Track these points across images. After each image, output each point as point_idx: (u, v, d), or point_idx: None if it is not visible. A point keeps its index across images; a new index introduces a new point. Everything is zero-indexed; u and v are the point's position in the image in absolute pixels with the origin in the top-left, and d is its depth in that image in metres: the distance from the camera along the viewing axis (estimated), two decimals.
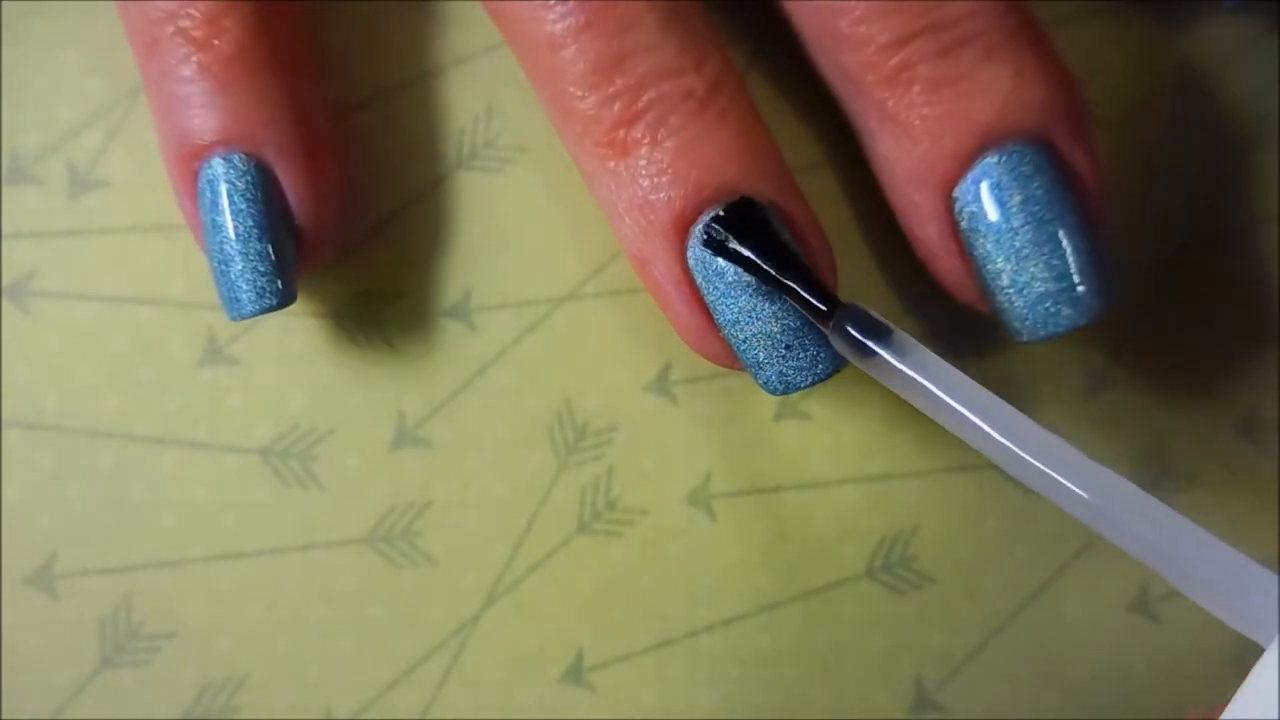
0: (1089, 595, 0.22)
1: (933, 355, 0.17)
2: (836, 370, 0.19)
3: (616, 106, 0.18)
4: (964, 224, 0.19)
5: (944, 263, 0.20)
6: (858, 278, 0.22)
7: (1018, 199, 0.18)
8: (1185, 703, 0.21)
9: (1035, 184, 0.18)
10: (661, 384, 0.22)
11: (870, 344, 0.17)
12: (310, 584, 0.22)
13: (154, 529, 0.22)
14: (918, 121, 0.18)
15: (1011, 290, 0.19)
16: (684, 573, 0.22)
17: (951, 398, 0.17)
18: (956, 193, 0.19)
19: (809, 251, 0.19)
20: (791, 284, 0.18)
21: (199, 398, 0.22)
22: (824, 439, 0.22)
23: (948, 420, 0.17)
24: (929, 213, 0.19)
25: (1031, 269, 0.18)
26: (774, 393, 0.19)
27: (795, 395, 0.22)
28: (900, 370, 0.17)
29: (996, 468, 0.22)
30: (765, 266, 0.18)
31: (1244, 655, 0.22)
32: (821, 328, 0.18)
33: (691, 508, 0.22)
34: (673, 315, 0.19)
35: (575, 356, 0.22)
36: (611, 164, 0.19)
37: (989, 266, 0.19)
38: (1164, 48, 0.22)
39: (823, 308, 0.17)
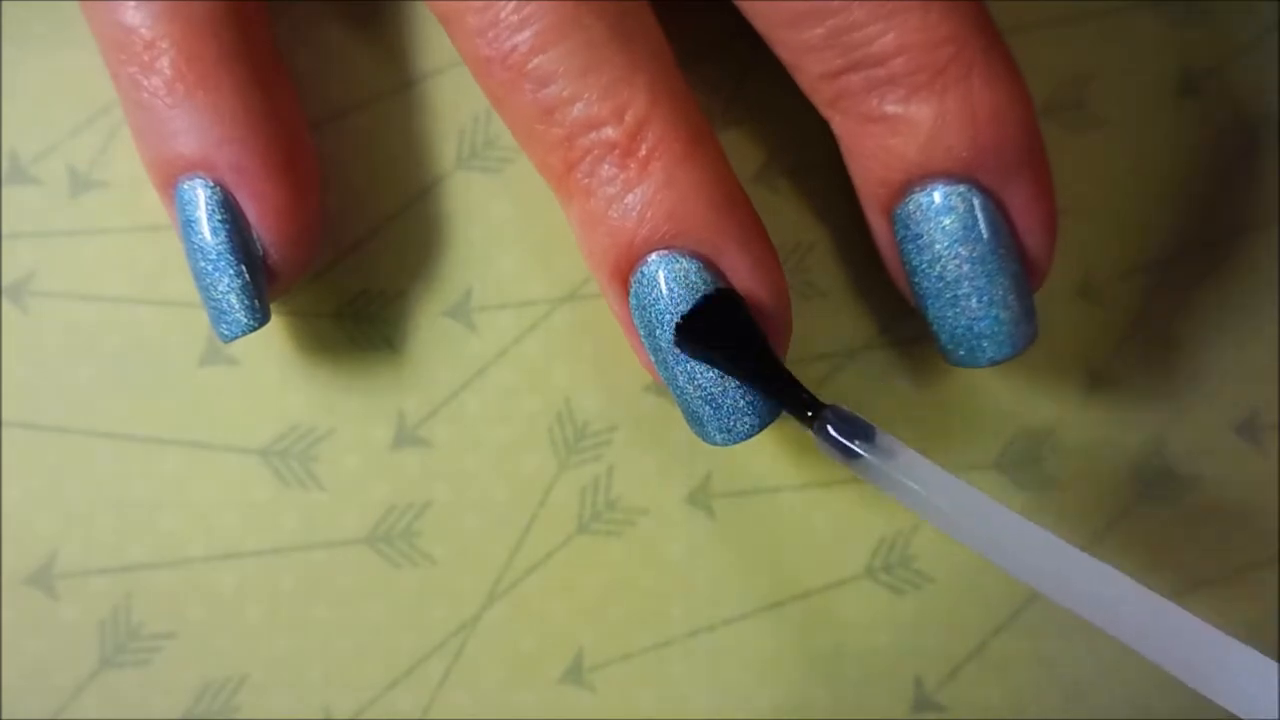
0: None
1: (917, 456, 0.17)
2: (773, 418, 0.19)
3: (558, 155, 0.18)
4: (900, 246, 0.19)
5: (896, 276, 0.20)
6: (859, 277, 0.22)
7: (935, 236, 0.18)
8: (1185, 703, 0.21)
9: (948, 222, 0.18)
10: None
11: (853, 445, 0.18)
12: (310, 584, 0.22)
13: (154, 529, 0.22)
14: (858, 144, 0.19)
15: (932, 318, 0.19)
16: (684, 573, 0.22)
17: (937, 499, 0.17)
18: (894, 215, 0.19)
19: (752, 301, 0.18)
20: (768, 385, 0.18)
21: (199, 398, 0.22)
22: None
23: (933, 518, 0.17)
24: (876, 229, 0.20)
25: (946, 301, 0.19)
26: (719, 445, 0.19)
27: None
28: (883, 471, 0.17)
29: (996, 468, 0.22)
30: (737, 367, 0.18)
31: None
32: (805, 428, 0.18)
33: (691, 508, 0.22)
34: (632, 348, 0.20)
35: (575, 356, 0.22)
36: (565, 203, 0.19)
37: (916, 291, 0.19)
38: (1164, 47, 0.22)
39: (806, 411, 0.18)
